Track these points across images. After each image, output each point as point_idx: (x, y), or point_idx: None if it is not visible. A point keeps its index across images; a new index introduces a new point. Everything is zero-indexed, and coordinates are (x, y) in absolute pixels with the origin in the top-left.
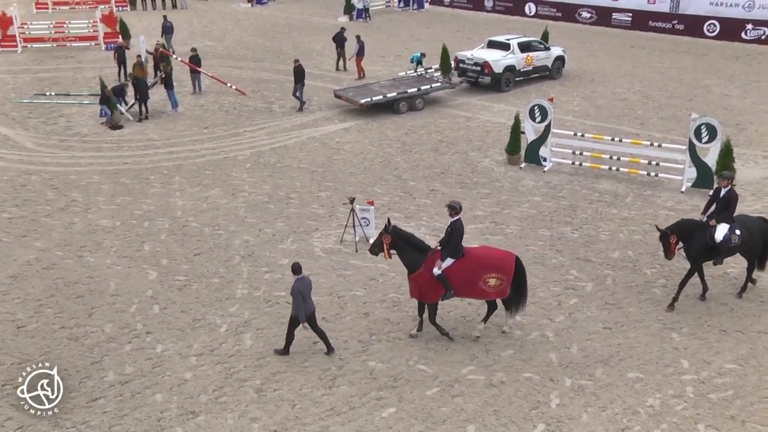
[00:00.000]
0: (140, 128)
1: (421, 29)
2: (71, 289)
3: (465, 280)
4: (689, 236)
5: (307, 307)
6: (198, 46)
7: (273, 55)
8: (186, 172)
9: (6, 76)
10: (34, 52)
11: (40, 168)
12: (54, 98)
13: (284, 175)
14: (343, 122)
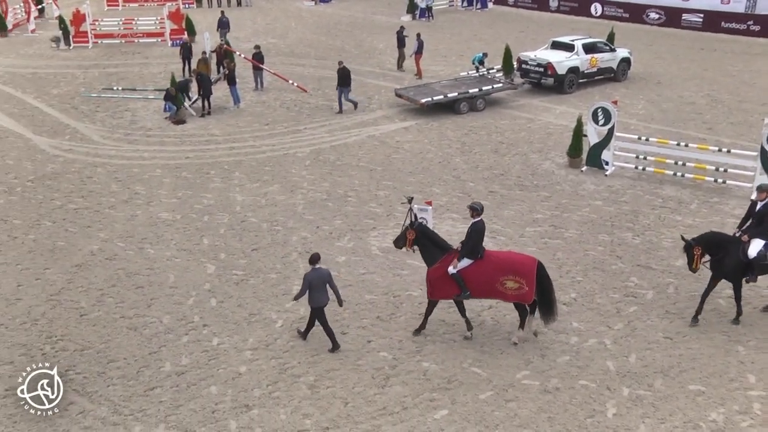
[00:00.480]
0: (203, 123)
1: (484, 29)
2: (132, 279)
3: (482, 281)
4: (718, 250)
5: (319, 299)
6: (261, 44)
7: (335, 53)
8: (246, 167)
9: (77, 70)
10: (103, 48)
11: (105, 161)
12: (121, 93)
13: (343, 173)
14: (403, 121)
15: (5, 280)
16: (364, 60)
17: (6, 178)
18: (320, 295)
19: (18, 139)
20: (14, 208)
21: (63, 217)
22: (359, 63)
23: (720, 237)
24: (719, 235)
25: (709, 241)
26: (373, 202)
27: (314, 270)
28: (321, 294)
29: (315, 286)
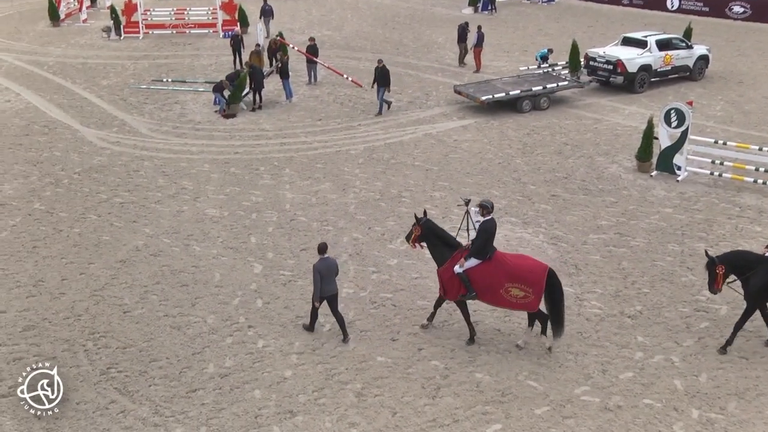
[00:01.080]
0: (253, 118)
1: (550, 23)
2: (176, 277)
3: (487, 285)
4: (745, 270)
5: (328, 288)
6: (315, 36)
7: (392, 47)
8: (297, 164)
9: (127, 61)
10: (154, 39)
11: (152, 154)
12: (170, 85)
13: (397, 172)
14: (461, 119)
15: (50, 273)
16: (423, 54)
17: (53, 170)
18: (329, 285)
19: (66, 130)
20: (60, 201)
21: (108, 211)
22: (417, 57)
23: (748, 256)
24: (747, 253)
25: (736, 259)
26: (428, 203)
27: (323, 260)
28: (330, 284)
29: (324, 276)
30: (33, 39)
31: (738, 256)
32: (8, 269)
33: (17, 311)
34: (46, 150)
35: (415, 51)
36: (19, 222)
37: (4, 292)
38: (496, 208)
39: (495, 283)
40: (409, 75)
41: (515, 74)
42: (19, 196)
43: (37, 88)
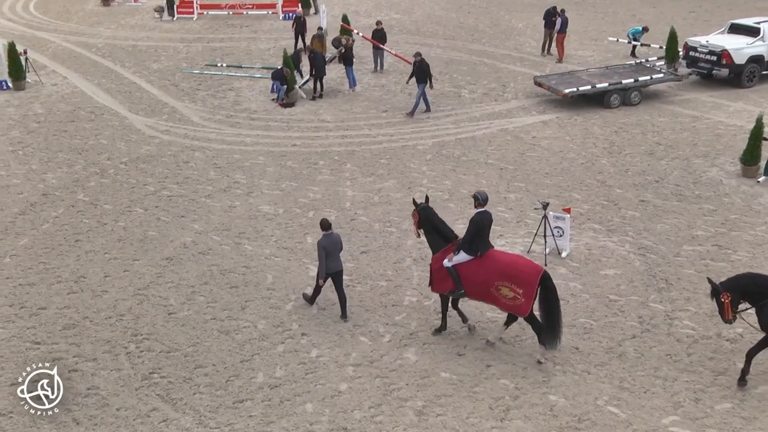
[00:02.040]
0: (313, 107)
1: (646, 8)
2: (226, 277)
3: (477, 282)
4: (759, 297)
5: (333, 265)
6: (383, 19)
7: (467, 33)
8: (359, 159)
9: (179, 44)
10: (209, 20)
11: (204, 144)
12: (225, 70)
13: (469, 171)
14: (541, 114)
15: (92, 269)
16: (500, 41)
17: (99, 159)
18: (334, 261)
19: (113, 117)
20: (105, 192)
21: (156, 205)
22: (494, 45)
23: (760, 280)
24: (759, 277)
25: (743, 285)
26: (502, 205)
27: (326, 236)
28: (335, 260)
29: (329, 252)
30: (82, 19)
31: (749, 281)
32: (49, 263)
33: (57, 308)
34: (91, 137)
35: (491, 38)
36: (62, 213)
37: (45, 287)
38: (578, 213)
39: (486, 279)
40: (484, 64)
41: (604, 65)
42: (63, 186)
43: (85, 72)
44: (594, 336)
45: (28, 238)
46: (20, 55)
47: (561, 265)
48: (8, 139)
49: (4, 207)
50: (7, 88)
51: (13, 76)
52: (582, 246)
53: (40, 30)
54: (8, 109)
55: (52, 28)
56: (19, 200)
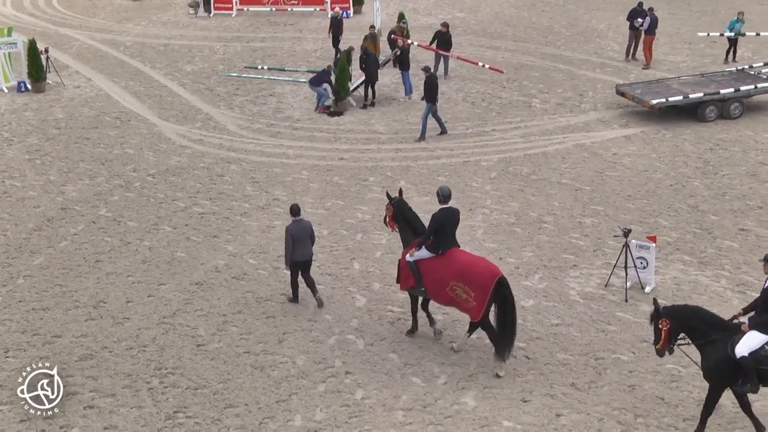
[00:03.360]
0: (364, 117)
1: (752, 5)
2: (262, 306)
3: (434, 280)
4: (700, 335)
5: (302, 252)
6: (446, 18)
7: (539, 35)
8: (414, 175)
9: (216, 43)
10: (249, 17)
11: (241, 156)
12: (266, 73)
13: (538, 191)
14: (624, 128)
15: (113, 293)
16: (578, 44)
17: (124, 170)
18: (304, 248)
19: (141, 123)
20: (130, 207)
21: (185, 223)
22: (570, 48)
23: (703, 315)
24: (702, 312)
25: (686, 316)
26: (576, 231)
27: (296, 222)
28: (304, 248)
29: (297, 239)
30: (109, 14)
31: (693, 314)
32: (66, 286)
33: (74, 336)
34: (116, 146)
35: (568, 40)
36: (82, 231)
37: (61, 312)
38: (664, 242)
39: (442, 278)
40: (558, 70)
41: (698, 72)
42: (84, 200)
43: (111, 73)
44: (683, 385)
45: (43, 257)
46: (41, 54)
47: (644, 301)
48: (25, 147)
49: (19, 222)
50: (25, 90)
51: (33, 77)
52: (669, 280)
53: (64, 26)
54: (26, 113)
55: (76, 24)
56: (35, 215)
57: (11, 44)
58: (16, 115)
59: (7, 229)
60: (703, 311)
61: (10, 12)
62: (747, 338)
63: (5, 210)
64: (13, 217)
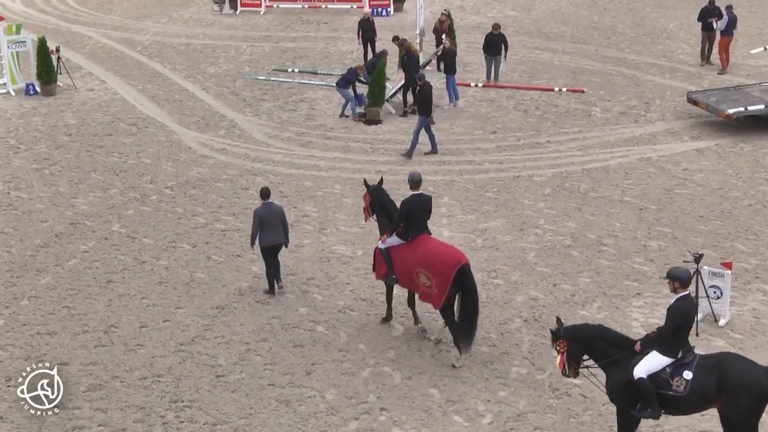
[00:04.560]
0: (403, 125)
1: None
2: (289, 334)
3: (403, 268)
4: (602, 355)
5: (270, 238)
6: (496, 17)
7: (601, 36)
8: (459, 191)
9: (242, 43)
10: (279, 14)
11: (268, 167)
12: (297, 77)
13: (598, 210)
14: (696, 140)
15: (126, 317)
16: (644, 47)
17: (140, 182)
18: (273, 234)
19: (159, 130)
20: (146, 223)
21: (206, 240)
22: (636, 51)
23: (605, 334)
24: (604, 331)
25: (585, 337)
26: (640, 255)
27: (265, 205)
28: (274, 233)
29: (266, 223)
30: (126, 11)
31: (595, 333)
32: (75, 308)
33: (82, 364)
34: (132, 155)
35: (633, 42)
36: (92, 248)
37: (68, 337)
38: (742, 269)
39: (409, 266)
40: (622, 75)
41: None
42: (95, 214)
43: (127, 75)
44: None
45: (50, 276)
46: (51, 54)
47: (718, 335)
48: (33, 155)
49: (25, 237)
50: (34, 93)
51: (43, 79)
52: (747, 312)
53: (77, 23)
54: (34, 118)
55: (90, 21)
56: (42, 230)
57: (20, 43)
58: (23, 121)
59: (12, 246)
60: (605, 330)
61: (20, 8)
62: (647, 359)
63: (10, 224)
64: (19, 232)
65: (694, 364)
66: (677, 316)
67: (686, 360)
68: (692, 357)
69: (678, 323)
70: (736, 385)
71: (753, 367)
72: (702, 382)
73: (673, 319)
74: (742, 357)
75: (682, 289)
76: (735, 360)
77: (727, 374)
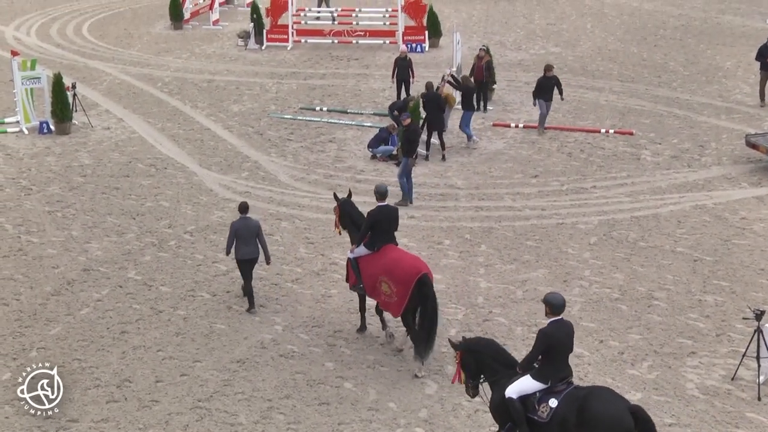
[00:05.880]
0: (438, 168)
1: None
2: (314, 390)
3: (368, 276)
4: (492, 371)
5: (246, 251)
6: (539, 54)
7: (651, 74)
8: (497, 239)
9: (268, 80)
10: (307, 50)
11: (294, 212)
12: (325, 116)
13: (648, 261)
14: (755, 186)
15: (141, 370)
16: (698, 86)
17: (157, 226)
18: (248, 247)
19: (179, 171)
20: (164, 270)
21: (227, 289)
22: (689, 90)
23: (495, 352)
24: (494, 348)
25: (477, 351)
26: (695, 311)
27: (242, 219)
28: (248, 245)
29: (242, 236)
30: (146, 45)
31: (486, 348)
32: (86, 361)
33: (93, 421)
34: (150, 198)
35: (686, 80)
36: (106, 296)
37: (78, 392)
38: None
39: (373, 274)
40: (674, 116)
41: None
42: (110, 260)
43: (146, 113)
44: None
45: (61, 326)
46: (67, 90)
47: None
48: (45, 197)
49: (35, 284)
50: (48, 132)
51: (57, 117)
52: None
53: (94, 59)
54: (48, 158)
55: (108, 56)
56: (53, 276)
57: (34, 79)
58: (36, 160)
59: (21, 293)
60: (495, 347)
61: (35, 42)
62: (519, 381)
63: (20, 270)
64: (29, 278)
65: (563, 393)
66: (542, 341)
67: (558, 388)
68: (565, 386)
69: (544, 348)
70: (595, 418)
71: (616, 404)
72: (563, 412)
73: (539, 342)
74: (611, 392)
75: (552, 315)
76: (602, 394)
77: (588, 407)
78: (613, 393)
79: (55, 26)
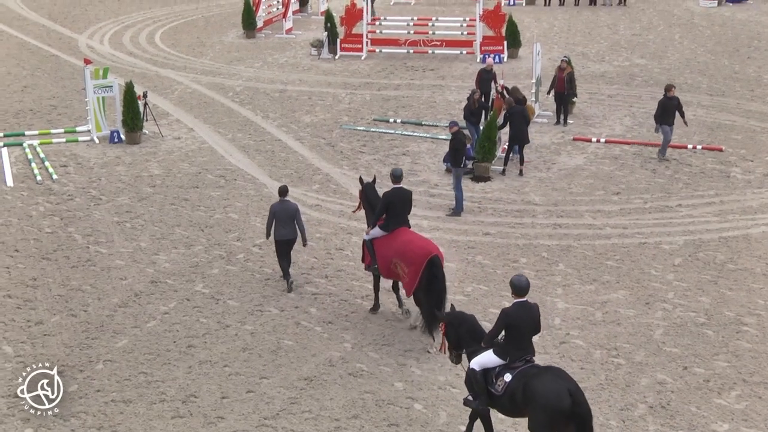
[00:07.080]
0: (516, 184)
1: None
2: (383, 411)
3: (383, 256)
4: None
5: (283, 232)
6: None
7: (743, 87)
8: (576, 258)
9: (341, 90)
10: (382, 60)
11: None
12: (399, 128)
13: (737, 284)
14: None
15: (207, 385)
16: None
17: (226, 239)
18: (286, 228)
19: (249, 183)
20: (231, 284)
21: (295, 305)
22: None
23: (472, 326)
24: (472, 322)
25: (458, 324)
26: None
27: (281, 202)
28: (285, 227)
29: (280, 219)
30: (218, 54)
31: (463, 321)
32: (152, 374)
33: None
34: (219, 210)
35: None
36: (173, 309)
37: (144, 406)
38: None
39: (387, 255)
40: (766, 131)
41: None
42: (177, 272)
43: (216, 123)
44: None
45: (128, 338)
46: (138, 99)
47: None
48: (114, 207)
49: (102, 296)
50: (118, 141)
51: (128, 126)
52: None
53: (166, 67)
54: (118, 167)
55: (180, 65)
56: (120, 288)
57: (107, 88)
58: (106, 170)
59: (89, 304)
60: (473, 321)
61: (107, 51)
62: (483, 355)
63: (88, 281)
64: (96, 289)
65: (517, 369)
66: (503, 320)
67: (515, 365)
68: (522, 364)
69: (504, 326)
70: (535, 396)
71: (558, 383)
72: (513, 387)
73: (500, 321)
74: (557, 372)
75: (516, 296)
76: (549, 372)
77: (530, 384)
78: (558, 374)
79: (128, 34)
